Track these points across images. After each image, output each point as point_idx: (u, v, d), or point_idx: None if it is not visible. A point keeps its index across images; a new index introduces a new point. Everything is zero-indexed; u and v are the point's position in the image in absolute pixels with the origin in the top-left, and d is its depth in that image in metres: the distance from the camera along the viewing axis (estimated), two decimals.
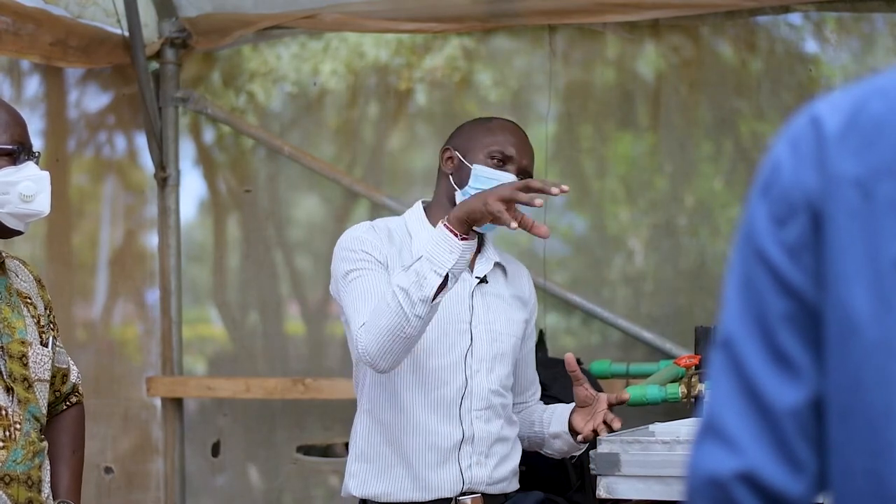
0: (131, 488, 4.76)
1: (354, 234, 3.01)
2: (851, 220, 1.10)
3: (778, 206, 1.14)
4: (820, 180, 1.12)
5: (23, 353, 2.71)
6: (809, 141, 1.14)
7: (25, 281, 2.83)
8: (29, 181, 2.66)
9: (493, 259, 3.12)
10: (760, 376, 1.14)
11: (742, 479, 1.14)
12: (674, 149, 4.35)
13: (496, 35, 4.51)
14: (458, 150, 3.06)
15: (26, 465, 2.67)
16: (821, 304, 1.12)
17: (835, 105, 1.14)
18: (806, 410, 1.14)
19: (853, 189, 1.10)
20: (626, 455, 2.79)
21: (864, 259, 1.10)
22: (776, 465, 1.14)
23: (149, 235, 4.82)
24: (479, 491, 3.03)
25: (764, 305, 1.14)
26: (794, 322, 1.13)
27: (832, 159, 1.11)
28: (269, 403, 4.69)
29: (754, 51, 4.29)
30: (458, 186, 3.03)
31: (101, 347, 4.78)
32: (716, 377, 1.17)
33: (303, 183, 4.74)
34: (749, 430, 1.14)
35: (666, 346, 4.23)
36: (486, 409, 3.04)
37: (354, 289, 2.92)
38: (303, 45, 4.72)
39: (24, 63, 4.57)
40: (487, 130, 3.06)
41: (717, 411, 1.16)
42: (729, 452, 1.15)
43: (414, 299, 2.76)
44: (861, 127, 1.11)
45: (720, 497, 1.15)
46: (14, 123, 2.69)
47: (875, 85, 1.14)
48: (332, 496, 4.69)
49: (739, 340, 1.15)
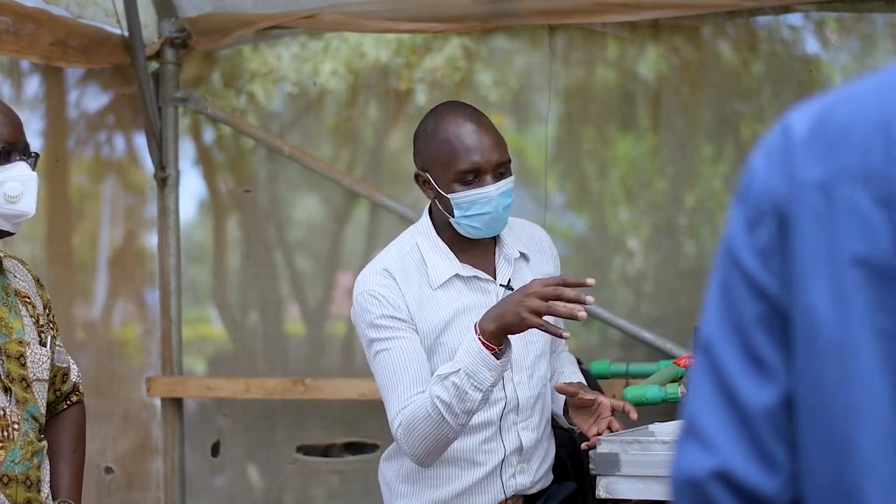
0: (131, 488, 4.76)
1: (372, 292, 2.92)
2: (814, 224, 1.13)
3: (750, 211, 1.17)
4: (786, 185, 1.15)
5: (21, 353, 2.70)
6: (779, 148, 1.17)
7: (24, 280, 2.82)
8: (15, 182, 2.65)
9: (514, 255, 3.04)
10: (736, 378, 1.17)
11: (718, 477, 1.17)
12: (674, 150, 4.35)
13: (496, 35, 4.51)
14: (429, 173, 2.93)
15: (25, 466, 2.67)
16: (788, 306, 1.15)
17: (805, 112, 1.18)
18: (779, 410, 1.16)
19: (816, 193, 1.13)
20: (626, 455, 2.79)
21: (824, 261, 1.12)
22: (751, 464, 1.16)
23: (149, 235, 4.82)
24: (520, 495, 3.02)
25: (738, 309, 1.17)
26: (766, 324, 1.16)
27: (798, 165, 1.15)
28: (269, 403, 4.69)
29: (755, 52, 4.29)
30: (447, 212, 2.94)
31: (101, 347, 4.78)
32: (695, 379, 1.20)
33: (303, 183, 4.74)
34: (725, 431, 1.17)
35: (666, 346, 4.23)
36: (530, 417, 3.02)
37: (386, 366, 2.90)
38: (303, 45, 4.72)
39: (24, 63, 4.57)
40: (444, 144, 2.90)
41: (695, 412, 1.19)
42: (705, 452, 1.17)
43: (457, 411, 2.78)
44: (826, 133, 1.14)
45: (698, 496, 1.18)
46: (7, 123, 2.67)
47: (844, 92, 1.17)
48: (332, 496, 4.69)
49: (717, 343, 1.18)
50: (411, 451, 2.87)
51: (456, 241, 2.99)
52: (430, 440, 2.83)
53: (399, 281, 2.93)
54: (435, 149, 2.92)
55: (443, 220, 2.98)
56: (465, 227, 2.94)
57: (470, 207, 2.89)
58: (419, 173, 2.97)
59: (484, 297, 2.96)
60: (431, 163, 2.93)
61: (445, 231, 2.99)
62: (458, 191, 2.89)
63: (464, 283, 2.98)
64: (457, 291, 2.97)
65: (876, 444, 1.10)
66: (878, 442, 1.10)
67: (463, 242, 2.99)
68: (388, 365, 2.89)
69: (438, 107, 3.03)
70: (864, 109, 1.14)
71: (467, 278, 2.98)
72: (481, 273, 3.00)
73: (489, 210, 2.90)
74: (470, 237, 2.97)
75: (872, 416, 1.10)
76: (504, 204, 2.92)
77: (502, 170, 2.92)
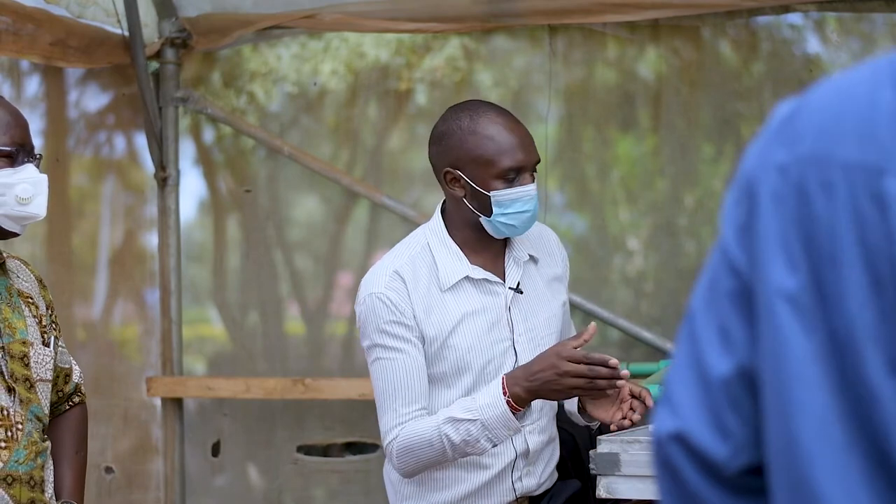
0: (131, 488, 4.76)
1: (381, 296, 2.91)
2: (773, 203, 1.19)
3: (736, 189, 1.25)
4: (757, 166, 1.23)
5: (24, 354, 2.71)
6: (763, 132, 1.25)
7: (27, 281, 2.82)
8: (26, 184, 2.65)
9: (524, 258, 3.02)
10: (705, 347, 1.24)
11: (676, 439, 1.25)
12: (674, 150, 4.35)
13: (496, 35, 4.51)
14: (462, 171, 2.89)
15: (28, 466, 2.67)
16: (753, 282, 1.22)
17: (792, 100, 1.25)
18: (735, 382, 1.23)
19: (777, 174, 1.20)
20: (626, 455, 2.79)
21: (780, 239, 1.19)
22: (705, 429, 1.24)
23: (149, 235, 4.82)
24: (527, 496, 3.03)
25: (717, 282, 1.25)
26: (736, 300, 1.23)
27: (768, 148, 1.22)
28: (269, 403, 4.69)
29: (755, 52, 4.29)
30: (479, 212, 2.91)
31: (101, 347, 4.78)
32: (677, 346, 1.29)
33: (303, 183, 4.74)
34: (688, 396, 1.25)
35: (666, 346, 4.23)
36: (537, 420, 3.02)
37: (386, 375, 2.91)
38: (303, 45, 4.72)
39: (24, 63, 4.56)
40: (486, 142, 2.87)
41: (671, 378, 1.27)
42: (671, 415, 1.26)
43: (460, 451, 2.87)
44: (797, 120, 1.21)
45: (661, 455, 1.27)
46: (15, 125, 2.68)
47: (827, 82, 1.24)
48: (333, 496, 4.69)
49: (697, 313, 1.26)
50: (401, 468, 2.93)
51: (468, 242, 2.97)
52: (423, 464, 2.91)
53: (408, 284, 2.91)
54: (473, 145, 2.88)
55: (460, 220, 2.96)
56: (499, 226, 2.91)
57: (511, 205, 2.88)
58: (449, 171, 2.91)
59: (493, 300, 2.96)
60: (468, 160, 2.88)
61: (459, 232, 2.97)
62: (499, 188, 2.87)
63: (473, 286, 2.97)
64: (466, 294, 2.96)
65: (817, 415, 1.17)
66: (819, 414, 1.17)
67: (475, 243, 2.98)
68: (389, 375, 2.90)
69: (468, 104, 3.00)
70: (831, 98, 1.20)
71: (477, 281, 2.97)
72: (491, 276, 2.98)
73: (530, 208, 2.90)
74: (496, 237, 2.96)
75: (810, 389, 1.17)
76: (537, 203, 2.94)
77: (535, 170, 2.95)
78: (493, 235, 2.95)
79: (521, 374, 2.83)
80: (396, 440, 2.89)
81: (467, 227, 2.96)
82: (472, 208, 2.91)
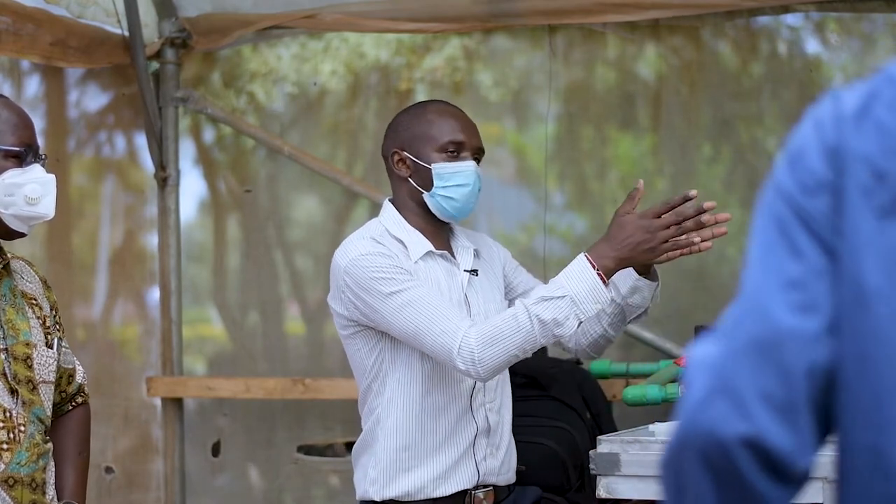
0: (131, 488, 4.76)
1: (371, 253, 2.95)
2: (863, 198, 1.15)
3: (806, 177, 1.21)
4: (836, 159, 1.18)
5: (27, 355, 2.71)
6: (830, 119, 1.21)
7: (31, 282, 2.83)
8: (35, 184, 2.67)
9: (469, 246, 3.13)
10: (782, 325, 1.17)
11: (747, 445, 1.14)
12: (674, 150, 4.35)
13: (496, 35, 4.51)
14: (407, 150, 3.04)
15: (30, 468, 2.67)
16: (835, 267, 1.15)
17: (855, 90, 1.21)
18: (819, 368, 1.15)
19: (864, 167, 1.16)
20: (626, 455, 2.80)
21: (874, 235, 1.14)
22: (782, 431, 1.14)
23: (149, 235, 4.82)
24: (490, 483, 3.06)
25: (795, 259, 1.17)
26: (823, 277, 1.17)
27: (848, 138, 1.17)
28: (269, 403, 4.69)
29: (755, 52, 4.29)
30: (422, 188, 3.03)
31: (101, 347, 4.78)
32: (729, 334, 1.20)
33: (303, 183, 4.74)
34: (759, 394, 1.15)
35: (666, 346, 4.23)
36: (494, 400, 3.07)
37: (421, 303, 2.89)
38: (303, 45, 4.72)
39: (24, 63, 4.56)
40: (429, 123, 3.04)
41: (729, 369, 1.18)
42: (738, 416, 1.15)
43: (550, 332, 2.82)
44: (873, 111, 1.17)
45: (720, 458, 1.16)
46: (23, 126, 2.70)
47: (881, 76, 1.19)
48: (333, 496, 4.69)
49: (763, 294, 1.20)
50: (485, 363, 2.83)
51: (419, 228, 3.06)
52: (510, 354, 2.84)
53: (390, 249, 2.99)
54: (418, 126, 3.04)
55: (407, 206, 3.05)
56: (440, 200, 3.01)
57: (451, 178, 2.99)
58: (396, 151, 3.05)
59: (453, 280, 3.04)
60: (413, 139, 3.03)
61: (411, 218, 3.06)
62: (439, 160, 3.00)
63: (436, 262, 3.06)
64: (433, 268, 3.04)
65: None
66: None
67: (424, 229, 3.06)
68: (424, 301, 2.89)
69: (419, 101, 3.19)
70: None
71: (438, 255, 3.06)
72: (447, 255, 3.08)
73: (468, 183, 3.00)
74: (440, 217, 3.05)
75: None
76: (479, 186, 3.03)
77: (479, 157, 3.05)
78: (437, 215, 3.04)
79: (607, 246, 2.88)
80: (472, 339, 2.83)
81: (416, 213, 3.05)
82: (416, 186, 3.03)
